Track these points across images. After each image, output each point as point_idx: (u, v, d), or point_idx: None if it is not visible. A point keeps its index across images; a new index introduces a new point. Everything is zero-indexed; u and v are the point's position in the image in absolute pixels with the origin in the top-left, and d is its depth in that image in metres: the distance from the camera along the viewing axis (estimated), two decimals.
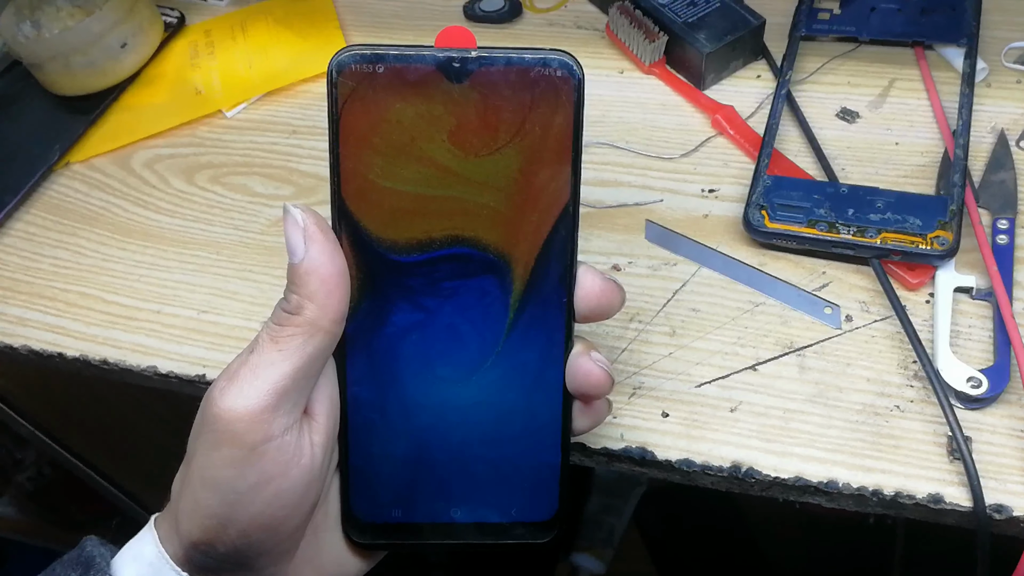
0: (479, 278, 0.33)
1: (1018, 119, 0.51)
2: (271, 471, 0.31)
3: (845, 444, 0.40)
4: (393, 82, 0.31)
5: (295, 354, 0.31)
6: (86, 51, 0.60)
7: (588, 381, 0.33)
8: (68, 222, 0.56)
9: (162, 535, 0.33)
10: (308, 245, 0.31)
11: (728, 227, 0.49)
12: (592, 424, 0.36)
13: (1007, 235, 0.45)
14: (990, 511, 0.37)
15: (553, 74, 0.31)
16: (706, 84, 0.56)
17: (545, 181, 0.32)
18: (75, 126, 0.60)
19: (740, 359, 0.43)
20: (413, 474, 0.35)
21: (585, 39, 0.61)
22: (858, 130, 0.52)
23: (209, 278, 0.51)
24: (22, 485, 1.05)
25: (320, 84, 0.61)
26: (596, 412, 0.35)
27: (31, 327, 0.50)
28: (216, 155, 0.58)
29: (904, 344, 0.43)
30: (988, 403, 0.40)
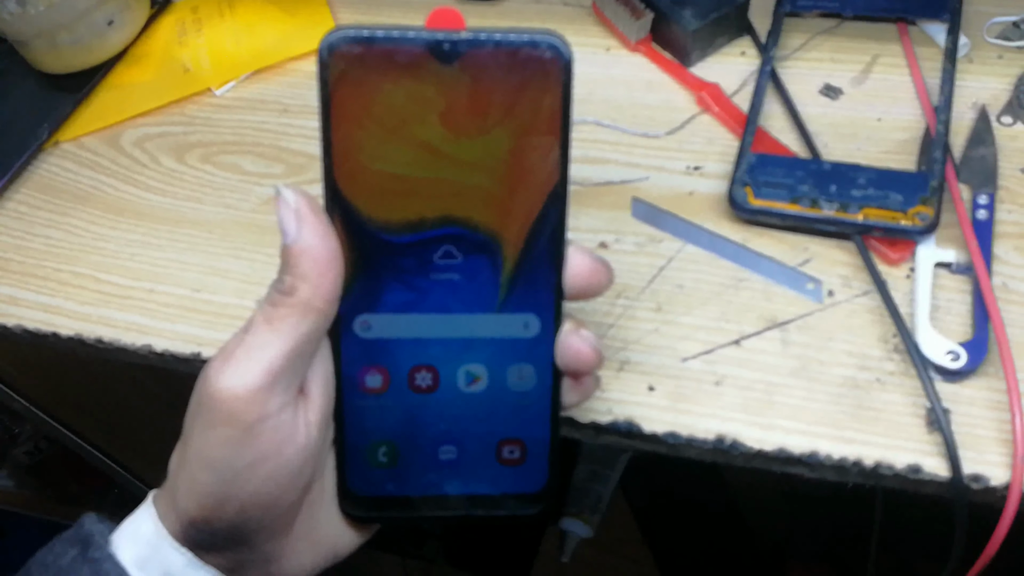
0: (470, 257, 0.34)
1: (999, 94, 0.52)
2: (267, 450, 0.32)
3: (827, 416, 0.41)
4: (383, 63, 0.31)
5: (289, 334, 0.31)
6: (72, 28, 0.59)
7: (577, 358, 0.34)
8: (59, 201, 0.56)
9: (160, 512, 0.34)
10: (300, 226, 0.32)
11: (713, 204, 0.49)
12: (581, 399, 0.36)
13: (987, 210, 0.46)
14: (967, 481, 0.38)
15: (542, 55, 0.31)
16: (691, 61, 0.56)
17: (535, 161, 0.32)
18: (63, 105, 0.60)
19: (724, 334, 0.44)
20: (407, 449, 0.36)
21: (571, 16, 0.61)
22: (841, 107, 0.53)
23: (201, 256, 0.51)
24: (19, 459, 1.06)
25: (309, 62, 0.61)
26: (585, 387, 0.36)
27: (24, 307, 0.51)
28: (206, 134, 0.58)
29: (885, 318, 0.43)
30: (967, 376, 0.41)
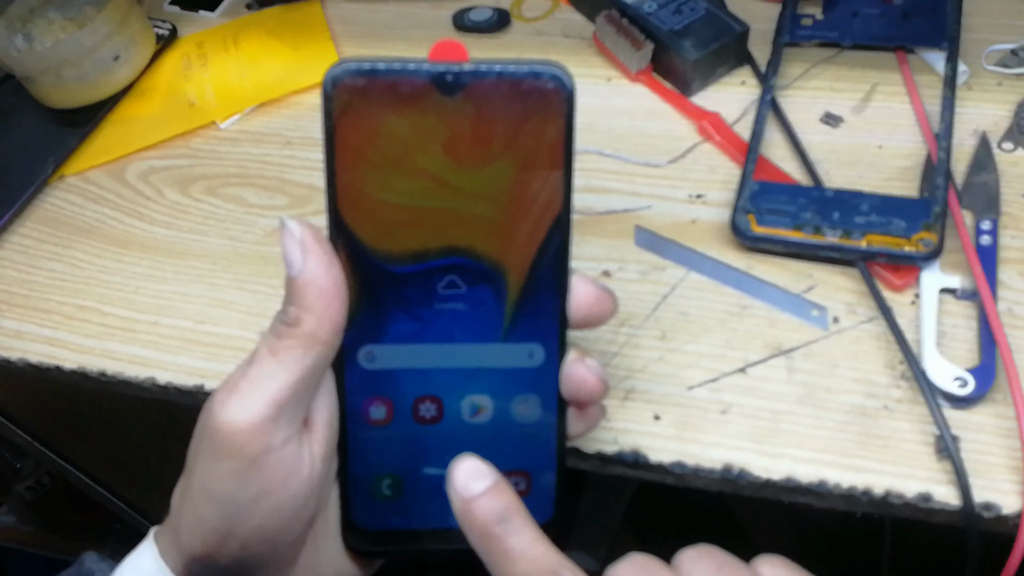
0: (474, 287, 0.34)
1: (999, 121, 0.52)
2: (271, 483, 0.31)
3: (834, 444, 0.41)
4: (387, 95, 0.31)
5: (294, 366, 0.31)
6: (78, 64, 0.60)
7: (583, 387, 0.34)
8: (64, 235, 0.56)
9: (162, 548, 0.33)
10: (305, 258, 0.32)
11: (716, 232, 0.49)
12: (586, 429, 0.36)
13: (990, 236, 0.46)
14: (979, 509, 0.38)
15: (544, 86, 0.32)
16: (692, 91, 0.56)
17: (538, 191, 0.32)
18: (69, 139, 0.60)
19: (729, 362, 0.44)
20: (411, 481, 0.36)
21: (573, 48, 0.61)
22: (842, 134, 0.53)
23: (205, 288, 0.51)
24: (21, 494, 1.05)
25: (312, 95, 0.61)
26: (590, 417, 0.36)
27: (28, 340, 0.51)
28: (210, 166, 0.58)
29: (891, 345, 0.43)
30: (975, 402, 0.41)
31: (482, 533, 0.30)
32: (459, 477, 0.31)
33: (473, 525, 0.30)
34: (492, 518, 0.30)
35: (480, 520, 0.30)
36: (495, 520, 0.30)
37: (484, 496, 0.31)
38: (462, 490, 0.31)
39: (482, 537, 0.30)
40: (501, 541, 0.30)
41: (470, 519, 0.30)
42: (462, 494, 0.31)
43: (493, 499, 0.31)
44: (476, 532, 0.30)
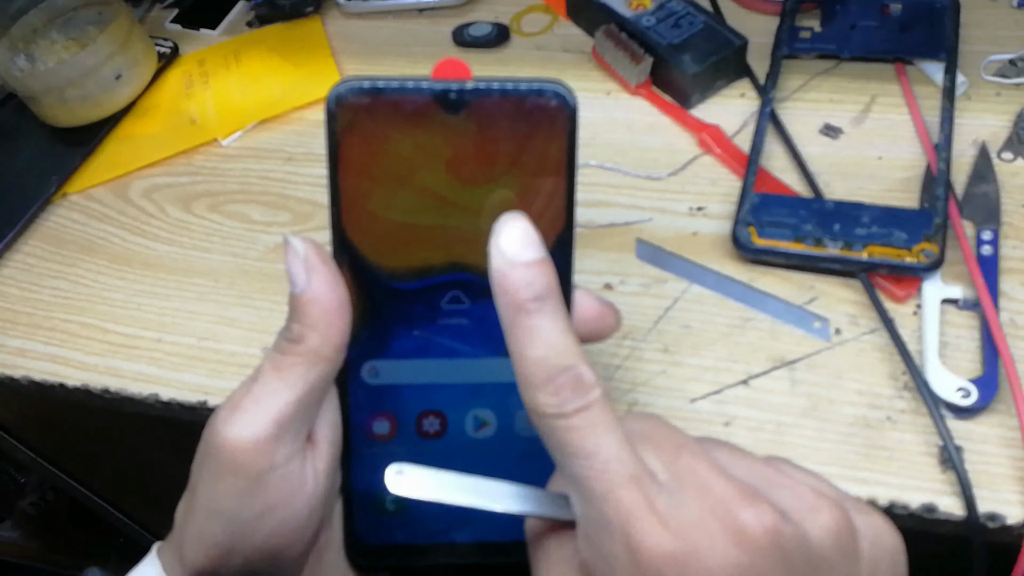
0: (478, 303, 0.34)
1: (998, 131, 0.52)
2: (275, 500, 0.31)
3: (838, 456, 0.41)
4: (390, 113, 0.32)
5: (297, 383, 0.31)
6: (81, 84, 0.60)
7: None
8: (67, 252, 0.56)
9: (165, 564, 0.33)
10: (309, 275, 0.32)
11: (717, 244, 0.49)
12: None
13: (991, 246, 0.46)
14: (983, 520, 0.38)
15: (548, 103, 0.32)
16: (691, 104, 0.57)
17: (541, 207, 0.33)
18: (72, 157, 0.61)
19: (732, 374, 0.44)
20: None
21: (572, 62, 0.62)
22: (842, 146, 0.53)
23: (208, 305, 0.51)
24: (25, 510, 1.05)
25: (314, 111, 0.62)
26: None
27: (31, 358, 0.51)
28: (213, 183, 0.59)
29: (893, 356, 0.43)
30: (978, 413, 0.41)
31: (513, 302, 0.28)
32: (509, 237, 0.29)
33: (507, 291, 0.28)
34: (530, 292, 0.28)
35: (517, 288, 0.28)
36: (533, 295, 0.28)
37: (531, 266, 0.29)
38: (509, 251, 0.29)
39: (511, 307, 0.28)
40: (530, 317, 0.28)
41: (506, 283, 0.28)
42: (508, 255, 0.29)
43: (538, 272, 0.29)
44: (507, 299, 0.29)
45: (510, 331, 0.29)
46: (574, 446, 0.27)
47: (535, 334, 0.28)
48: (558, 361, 0.28)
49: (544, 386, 0.28)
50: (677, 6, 0.59)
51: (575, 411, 0.27)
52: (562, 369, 0.28)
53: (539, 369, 0.28)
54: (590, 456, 0.26)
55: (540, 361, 0.28)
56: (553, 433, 0.27)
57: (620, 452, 0.26)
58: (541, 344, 0.28)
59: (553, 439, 0.27)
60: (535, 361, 0.28)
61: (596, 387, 0.28)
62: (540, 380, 0.28)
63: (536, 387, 0.28)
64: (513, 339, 0.29)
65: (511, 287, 0.28)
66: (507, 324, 0.29)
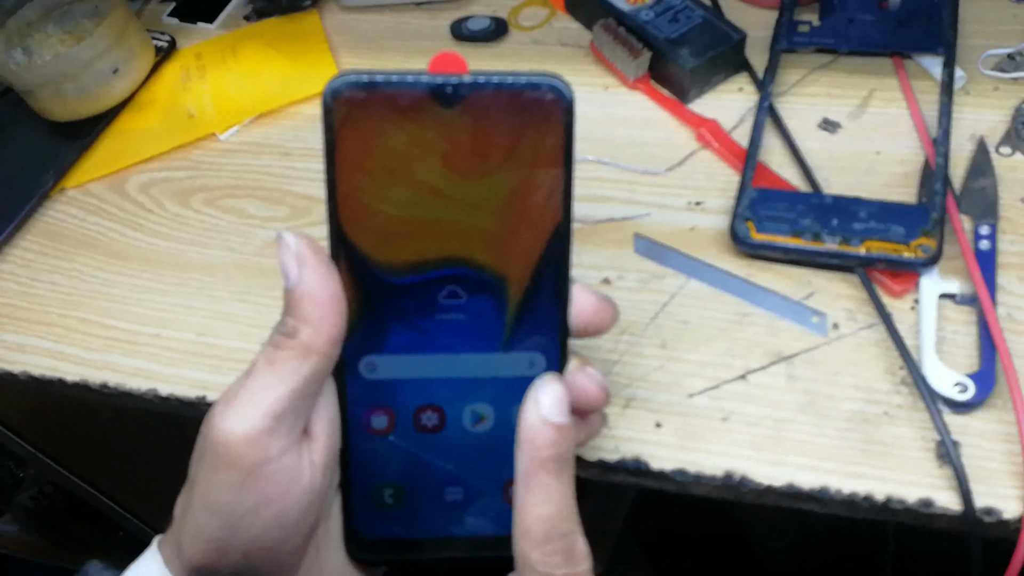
0: (475, 297, 0.34)
1: (997, 126, 0.52)
2: (271, 493, 0.31)
3: (835, 451, 0.41)
4: (387, 108, 0.32)
5: (291, 376, 0.31)
6: (77, 77, 0.60)
7: (584, 396, 0.34)
8: (65, 248, 0.56)
9: (165, 558, 0.33)
10: (301, 269, 0.32)
11: (715, 239, 0.49)
12: (588, 437, 0.36)
13: (989, 241, 0.46)
14: (980, 514, 0.38)
15: (544, 97, 0.32)
16: (690, 98, 0.57)
17: (538, 202, 0.33)
18: (68, 152, 0.61)
19: (730, 369, 0.44)
20: (413, 490, 0.36)
21: (570, 56, 0.62)
22: (840, 140, 0.53)
23: (206, 300, 0.51)
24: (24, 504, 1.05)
25: (311, 106, 0.62)
26: (591, 426, 0.36)
27: (30, 353, 0.51)
28: (210, 178, 0.59)
29: (891, 351, 0.43)
30: (975, 408, 0.41)
31: (537, 457, 0.31)
32: (548, 395, 0.32)
33: (534, 445, 0.31)
34: (554, 452, 0.31)
35: (545, 445, 0.31)
36: (555, 455, 0.31)
37: (561, 428, 0.31)
38: (545, 408, 0.31)
39: (533, 460, 0.31)
40: (548, 476, 0.31)
41: (536, 437, 0.31)
42: (543, 411, 0.31)
43: (565, 436, 0.31)
44: (532, 453, 0.31)
45: (525, 482, 0.31)
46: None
47: (547, 492, 0.31)
48: (559, 525, 0.31)
49: (541, 544, 0.30)
50: (675, 0, 0.59)
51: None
52: (561, 534, 0.31)
53: (541, 527, 0.31)
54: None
55: (544, 519, 0.31)
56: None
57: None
58: (549, 504, 0.31)
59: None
60: (539, 518, 0.31)
61: (585, 560, 0.31)
62: (539, 537, 0.30)
63: (534, 542, 0.31)
64: (525, 490, 0.31)
65: (539, 441, 0.31)
66: (523, 474, 0.31)
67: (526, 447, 0.31)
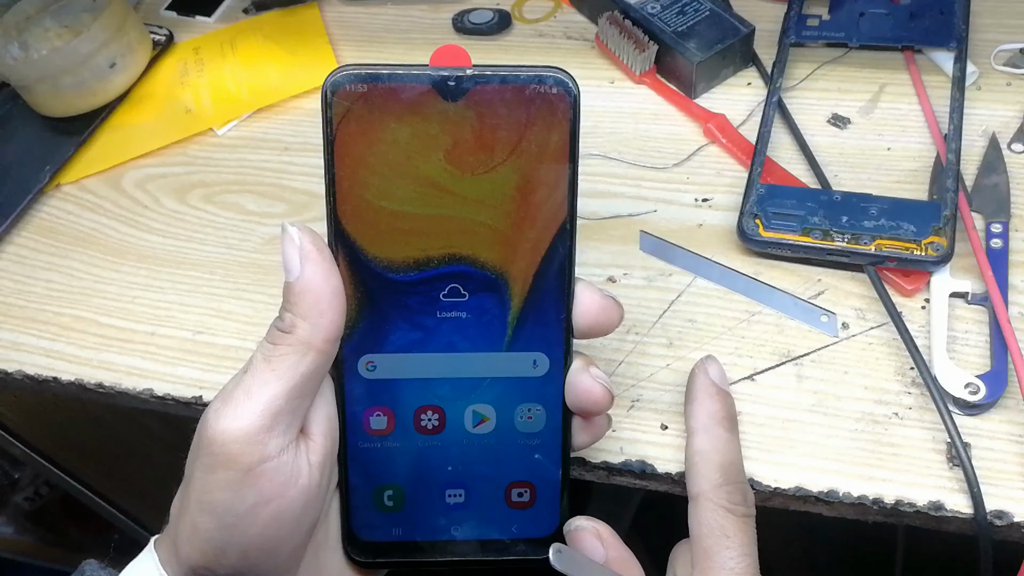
0: (477, 296, 0.33)
1: (1009, 122, 0.51)
2: (268, 492, 0.31)
3: (844, 453, 0.40)
4: (388, 102, 0.31)
5: (287, 373, 0.31)
6: (74, 72, 0.59)
7: (588, 398, 0.33)
8: (60, 244, 0.55)
9: (162, 558, 0.33)
10: (304, 264, 0.31)
11: (722, 236, 0.49)
12: (592, 439, 0.36)
13: (1001, 239, 0.45)
14: (991, 517, 0.37)
15: (548, 91, 0.31)
16: (697, 93, 0.56)
17: (542, 198, 0.32)
18: (65, 147, 0.60)
19: (738, 369, 0.43)
20: (413, 492, 0.35)
21: (575, 49, 0.61)
22: (850, 136, 0.52)
23: (203, 298, 0.51)
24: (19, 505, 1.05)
25: (310, 100, 0.61)
26: (596, 427, 0.35)
27: (25, 351, 0.50)
28: (208, 173, 0.58)
29: (901, 351, 0.42)
30: (986, 409, 0.40)
31: (716, 415, 0.38)
32: (717, 367, 0.40)
33: (713, 399, 0.38)
34: (730, 413, 0.38)
35: (725, 406, 0.38)
36: (731, 416, 0.38)
37: (729, 395, 0.39)
38: (716, 377, 0.39)
39: (712, 415, 0.38)
40: (727, 432, 0.37)
41: (712, 397, 0.38)
42: (715, 379, 0.39)
43: (733, 403, 0.39)
44: (710, 406, 0.38)
45: (704, 434, 0.37)
46: (733, 540, 0.34)
47: (726, 445, 0.37)
48: (738, 473, 0.37)
49: (724, 486, 0.35)
50: None
51: (743, 515, 0.35)
52: (739, 480, 0.36)
53: (723, 473, 0.36)
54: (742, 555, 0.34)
55: (726, 466, 0.36)
56: (719, 523, 0.35)
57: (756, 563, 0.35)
58: (728, 454, 0.37)
59: (714, 526, 0.35)
60: (721, 465, 0.36)
61: (754, 507, 0.36)
62: (721, 481, 0.36)
63: (717, 485, 0.35)
64: (706, 441, 0.37)
65: (716, 403, 0.38)
66: (703, 428, 0.38)
67: (703, 401, 0.38)
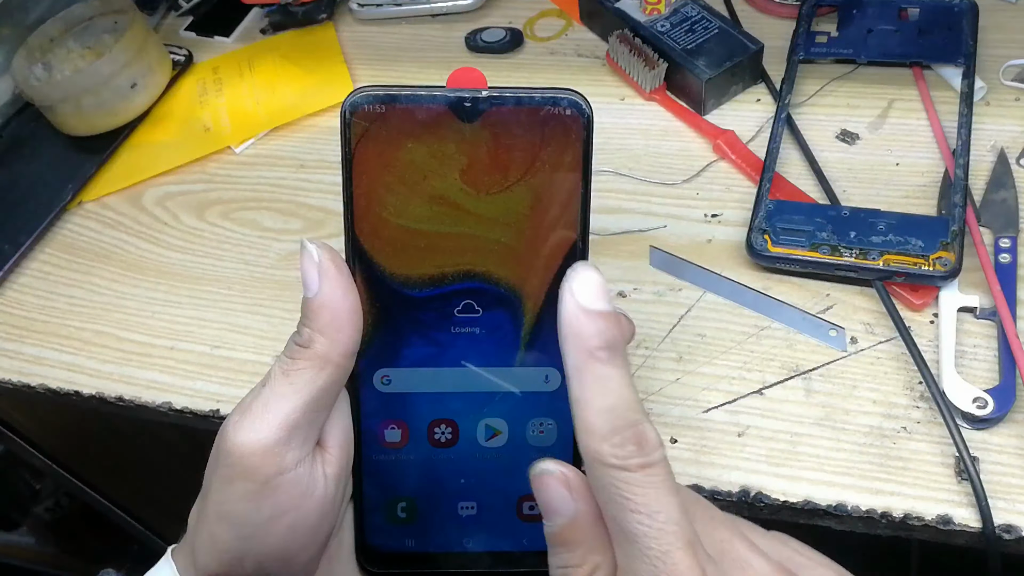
0: (491, 312, 0.33)
1: (1017, 137, 0.51)
2: (285, 504, 0.31)
3: (853, 467, 0.40)
4: (405, 122, 0.32)
5: (305, 387, 0.31)
6: (97, 92, 0.61)
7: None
8: (82, 261, 0.56)
9: (180, 567, 0.33)
10: (322, 280, 0.32)
11: (732, 252, 0.49)
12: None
13: (1009, 254, 0.46)
14: (999, 531, 0.38)
15: (562, 113, 0.31)
16: (706, 109, 0.56)
17: (555, 217, 0.32)
18: (87, 166, 0.61)
19: (747, 383, 0.44)
20: (426, 504, 0.36)
21: (586, 67, 0.62)
22: (858, 152, 0.53)
23: (221, 313, 0.52)
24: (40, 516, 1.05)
25: (326, 118, 0.62)
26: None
27: (47, 366, 0.51)
28: (226, 191, 0.59)
29: (909, 365, 0.43)
30: (994, 423, 0.41)
31: (584, 348, 0.28)
32: (583, 284, 0.29)
33: (579, 335, 0.28)
34: (602, 340, 0.28)
35: (590, 335, 0.28)
36: (604, 344, 0.28)
37: (604, 316, 0.28)
38: (582, 298, 0.28)
39: (581, 352, 0.28)
40: (601, 366, 0.28)
41: (580, 328, 0.28)
42: (581, 301, 0.28)
43: (610, 323, 0.28)
44: (579, 344, 0.28)
45: (577, 376, 0.29)
46: (635, 502, 0.27)
47: (604, 384, 0.28)
48: (624, 415, 0.28)
49: (609, 437, 0.28)
50: (692, 11, 0.59)
51: (638, 467, 0.27)
52: (629, 423, 0.28)
53: (605, 420, 0.28)
54: (651, 515, 0.27)
55: (607, 411, 0.28)
56: (612, 485, 0.27)
57: (680, 516, 0.27)
58: (608, 394, 0.28)
59: (611, 491, 0.27)
60: (601, 411, 0.28)
61: (659, 448, 0.28)
62: (605, 431, 0.28)
63: (601, 437, 0.28)
64: (579, 385, 0.28)
65: (584, 332, 0.28)
66: (574, 369, 0.29)
67: (571, 341, 0.29)
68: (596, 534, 0.29)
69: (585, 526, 0.29)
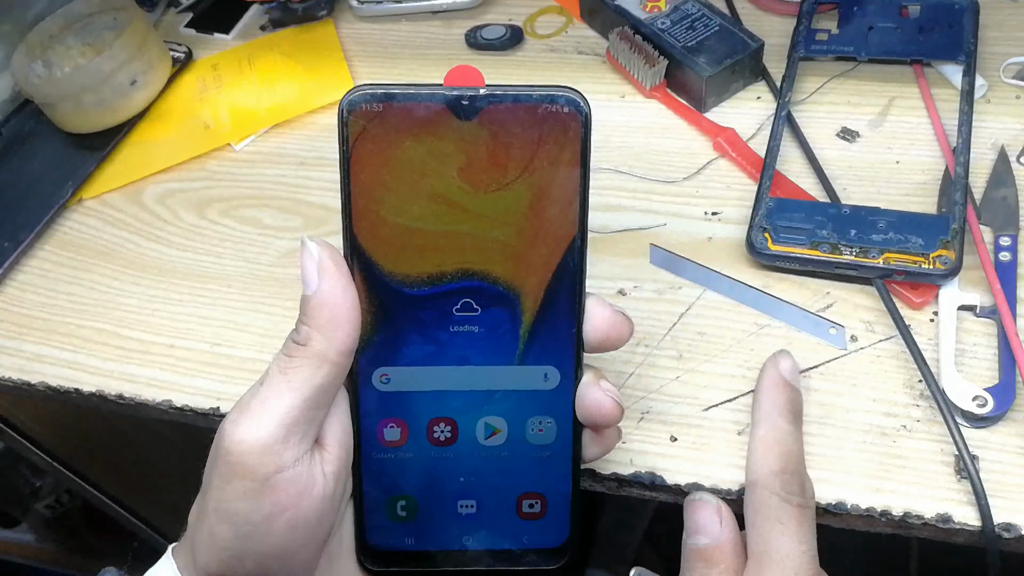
0: (489, 310, 0.34)
1: (1018, 135, 0.51)
2: (284, 502, 0.31)
3: (852, 465, 0.40)
4: (403, 120, 0.32)
5: (303, 385, 0.31)
6: (97, 89, 0.61)
7: (598, 411, 0.34)
8: (82, 258, 0.56)
9: (180, 566, 0.34)
10: (321, 278, 0.32)
11: (732, 250, 0.49)
12: (602, 452, 0.36)
13: (1010, 252, 0.46)
14: (999, 530, 0.38)
15: (560, 110, 0.32)
16: (707, 107, 0.56)
17: (553, 215, 0.33)
18: (87, 163, 0.61)
19: (747, 381, 0.44)
20: (426, 503, 0.36)
21: (586, 64, 0.62)
22: (859, 149, 0.52)
23: (221, 311, 0.52)
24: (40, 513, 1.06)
25: (326, 115, 0.62)
26: (606, 440, 0.36)
27: (48, 363, 0.51)
28: (226, 188, 0.59)
29: (909, 363, 0.43)
30: (994, 421, 0.41)
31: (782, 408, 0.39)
32: (788, 362, 0.41)
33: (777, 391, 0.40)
34: (795, 408, 0.39)
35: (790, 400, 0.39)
36: (796, 411, 0.39)
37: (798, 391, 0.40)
38: (786, 372, 0.40)
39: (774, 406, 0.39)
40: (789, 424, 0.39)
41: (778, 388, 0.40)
42: (784, 374, 0.40)
43: (800, 398, 0.40)
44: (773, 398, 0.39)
45: (766, 421, 0.39)
46: (788, 528, 0.35)
47: (785, 436, 0.38)
48: (796, 463, 0.37)
49: (780, 475, 0.36)
50: (692, 8, 0.59)
51: (798, 504, 0.36)
52: (798, 471, 0.37)
53: (782, 460, 0.37)
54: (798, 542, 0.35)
55: (784, 456, 0.37)
56: (774, 510, 0.35)
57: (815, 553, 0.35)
58: (787, 444, 0.38)
59: (769, 513, 0.35)
60: (780, 454, 0.37)
61: (814, 499, 0.37)
62: (779, 468, 0.37)
63: (775, 473, 0.37)
64: (767, 430, 0.39)
65: (781, 397, 0.39)
66: (763, 416, 0.39)
67: (769, 393, 0.39)
68: (733, 557, 0.35)
69: (727, 549, 0.35)
